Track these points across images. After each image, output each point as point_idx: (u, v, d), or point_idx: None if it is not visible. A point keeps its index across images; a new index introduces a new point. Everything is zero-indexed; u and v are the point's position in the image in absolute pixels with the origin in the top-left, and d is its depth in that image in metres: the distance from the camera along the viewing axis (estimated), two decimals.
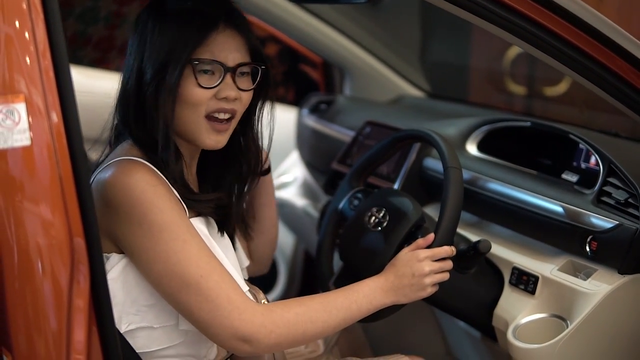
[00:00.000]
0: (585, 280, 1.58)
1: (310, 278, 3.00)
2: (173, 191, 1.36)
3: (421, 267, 1.47)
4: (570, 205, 1.63)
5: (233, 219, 1.54)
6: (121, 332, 1.34)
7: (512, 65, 3.22)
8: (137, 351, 1.35)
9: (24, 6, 1.01)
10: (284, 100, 3.39)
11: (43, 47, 1.01)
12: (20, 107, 0.98)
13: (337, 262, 1.79)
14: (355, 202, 1.77)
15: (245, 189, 1.57)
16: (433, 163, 1.98)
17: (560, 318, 1.59)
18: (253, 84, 1.45)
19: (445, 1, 1.38)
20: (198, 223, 1.41)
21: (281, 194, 2.78)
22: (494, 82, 3.31)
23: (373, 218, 1.67)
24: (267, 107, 1.54)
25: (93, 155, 2.86)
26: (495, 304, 1.70)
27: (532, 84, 3.29)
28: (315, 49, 2.83)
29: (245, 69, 1.43)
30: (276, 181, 2.85)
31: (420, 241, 1.51)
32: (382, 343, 2.12)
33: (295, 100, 3.03)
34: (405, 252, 1.51)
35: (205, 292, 1.27)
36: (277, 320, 1.32)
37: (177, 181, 1.38)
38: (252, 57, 1.45)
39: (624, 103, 1.55)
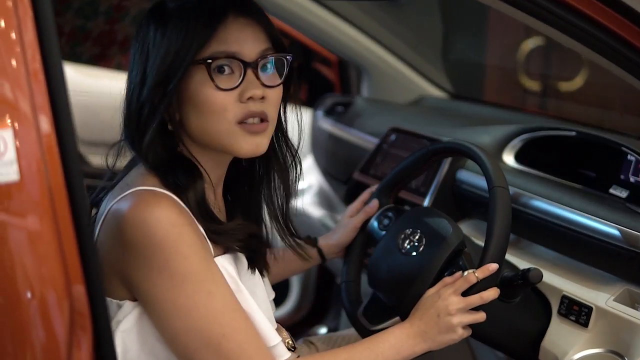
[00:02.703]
0: None
1: (324, 291, 2.83)
2: (199, 228, 1.20)
3: (445, 306, 1.31)
4: (627, 227, 1.46)
5: (264, 252, 1.38)
6: None
7: (529, 60, 3.04)
8: None
9: (9, 3, 0.83)
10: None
11: (32, 50, 0.84)
12: (7, 134, 0.81)
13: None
14: (386, 221, 1.59)
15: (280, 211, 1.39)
16: (467, 176, 1.81)
17: (618, 354, 1.43)
18: (280, 78, 1.25)
19: None
20: (225, 262, 1.25)
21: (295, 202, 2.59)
22: (519, 82, 3.13)
23: (407, 241, 1.50)
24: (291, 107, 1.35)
25: (93, 159, 2.71)
26: (542, 337, 1.53)
27: (552, 82, 3.10)
28: (330, 46, 2.67)
29: (268, 62, 1.24)
30: None
31: (447, 279, 1.36)
32: None
33: (308, 101, 2.87)
34: (429, 293, 1.35)
35: (225, 353, 1.14)
36: None
37: (200, 207, 1.21)
38: (274, 48, 1.26)
39: None
